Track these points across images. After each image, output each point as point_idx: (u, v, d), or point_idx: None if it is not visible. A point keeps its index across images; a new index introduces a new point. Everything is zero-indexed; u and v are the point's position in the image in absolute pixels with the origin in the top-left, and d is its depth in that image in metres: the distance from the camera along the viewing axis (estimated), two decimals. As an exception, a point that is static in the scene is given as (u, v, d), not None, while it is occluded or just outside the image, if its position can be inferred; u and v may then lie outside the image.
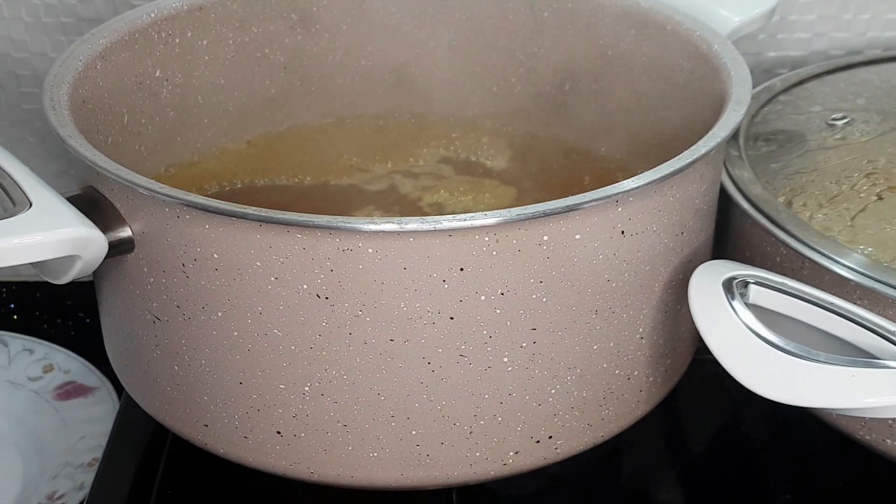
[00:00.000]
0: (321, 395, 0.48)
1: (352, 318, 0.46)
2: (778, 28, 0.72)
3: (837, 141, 0.61)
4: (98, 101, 0.56)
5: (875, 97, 0.65)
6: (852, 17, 0.72)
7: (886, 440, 0.53)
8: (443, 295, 0.45)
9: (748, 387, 0.46)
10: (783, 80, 0.68)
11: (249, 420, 0.50)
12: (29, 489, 0.63)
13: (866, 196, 0.56)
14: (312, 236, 0.44)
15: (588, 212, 0.46)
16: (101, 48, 0.57)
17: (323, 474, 0.50)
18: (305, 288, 0.45)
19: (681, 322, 0.53)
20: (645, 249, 0.49)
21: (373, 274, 0.45)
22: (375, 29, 0.66)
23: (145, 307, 0.50)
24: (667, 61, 0.60)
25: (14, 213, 0.47)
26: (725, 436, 0.63)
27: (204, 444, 0.52)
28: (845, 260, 0.52)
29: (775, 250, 0.55)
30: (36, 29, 0.70)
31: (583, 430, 0.51)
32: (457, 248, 0.44)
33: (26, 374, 0.70)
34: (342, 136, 0.67)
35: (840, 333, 0.48)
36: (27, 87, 0.72)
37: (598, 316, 0.48)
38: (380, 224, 0.44)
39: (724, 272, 0.49)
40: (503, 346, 0.47)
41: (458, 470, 0.50)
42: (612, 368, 0.50)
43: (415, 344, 0.46)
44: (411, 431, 0.48)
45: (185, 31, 0.61)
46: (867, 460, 0.55)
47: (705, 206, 0.52)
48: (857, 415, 0.52)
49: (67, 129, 0.50)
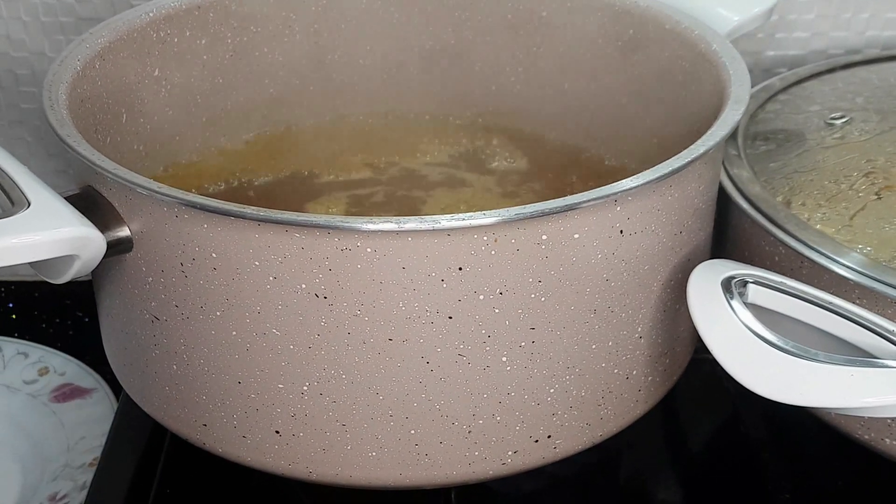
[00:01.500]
0: (320, 395, 0.48)
1: (350, 318, 0.46)
2: (777, 27, 0.72)
3: (836, 140, 0.61)
4: (96, 101, 0.56)
5: (874, 96, 0.65)
6: (851, 17, 0.72)
7: (886, 439, 0.53)
8: (441, 294, 0.45)
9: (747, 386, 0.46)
10: (782, 79, 0.68)
11: (248, 419, 0.49)
12: (29, 492, 0.63)
13: (865, 195, 0.56)
14: (311, 236, 0.44)
15: (587, 211, 0.46)
16: (99, 48, 0.57)
17: (321, 474, 0.50)
18: (304, 287, 0.45)
19: (679, 321, 0.53)
20: (644, 249, 0.49)
21: (371, 273, 0.45)
22: (375, 28, 0.66)
23: (144, 307, 0.50)
24: (665, 60, 0.60)
25: (12, 213, 0.47)
26: (725, 436, 0.63)
27: (203, 443, 0.52)
28: (844, 259, 0.52)
29: (774, 250, 0.55)
30: (34, 28, 0.70)
31: (581, 429, 0.51)
32: (455, 247, 0.44)
33: (21, 377, 0.70)
34: (341, 136, 0.67)
35: (839, 333, 0.48)
36: (26, 87, 0.72)
37: (596, 315, 0.48)
38: (378, 223, 0.44)
39: (723, 271, 0.48)
40: (502, 346, 0.47)
41: (456, 469, 0.50)
42: (610, 368, 0.50)
43: (413, 343, 0.46)
44: (410, 431, 0.48)
45: (184, 30, 0.61)
46: (866, 460, 0.55)
47: (704, 206, 0.52)
48: (856, 414, 0.51)
49: (66, 128, 0.50)
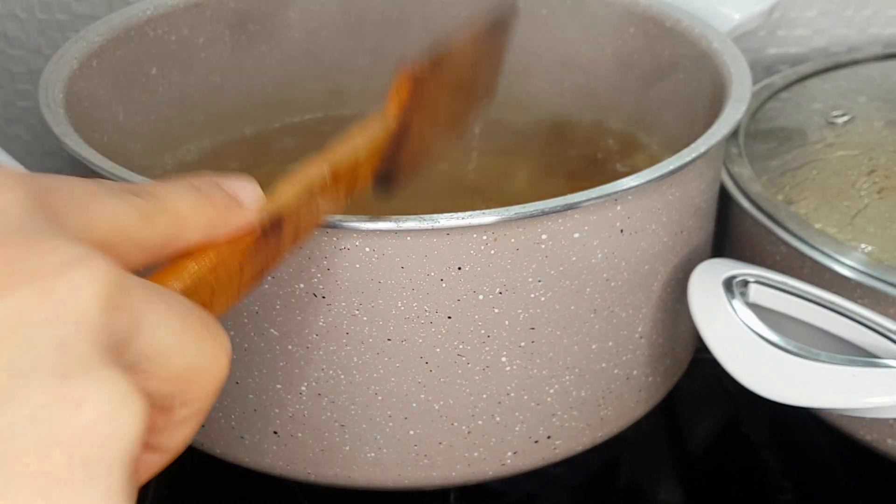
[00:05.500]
0: (318, 395, 0.48)
1: (349, 318, 0.46)
2: (778, 25, 0.71)
3: (838, 138, 0.61)
4: (93, 99, 0.56)
5: (876, 94, 0.65)
6: (853, 14, 0.71)
7: (888, 440, 0.52)
8: (440, 294, 0.45)
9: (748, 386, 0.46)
10: (783, 77, 0.67)
11: (246, 420, 0.49)
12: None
13: (867, 194, 0.56)
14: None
15: (587, 210, 0.45)
16: (96, 45, 0.56)
17: (320, 475, 0.50)
18: (302, 287, 0.45)
19: (680, 321, 0.52)
20: (644, 248, 0.48)
21: (370, 273, 0.45)
22: (374, 26, 0.66)
23: (141, 306, 0.49)
24: (666, 58, 0.60)
25: (8, 212, 0.46)
26: (725, 436, 0.63)
27: (200, 444, 0.52)
28: (846, 258, 0.52)
29: (775, 249, 0.55)
30: (31, 25, 0.70)
31: (581, 430, 0.51)
32: (455, 246, 0.44)
33: None
34: (341, 135, 0.67)
35: (841, 332, 0.48)
36: (22, 84, 0.72)
37: (596, 315, 0.48)
38: (377, 222, 0.43)
39: (724, 271, 0.48)
40: (501, 346, 0.47)
41: (456, 470, 0.50)
42: (610, 368, 0.50)
43: (412, 343, 0.46)
44: (409, 431, 0.48)
45: (182, 28, 0.61)
46: (868, 460, 0.55)
47: (705, 205, 0.52)
48: (857, 415, 0.51)
49: (62, 126, 0.50)
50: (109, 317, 0.26)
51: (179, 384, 0.29)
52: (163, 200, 0.32)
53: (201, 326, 0.29)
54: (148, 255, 0.31)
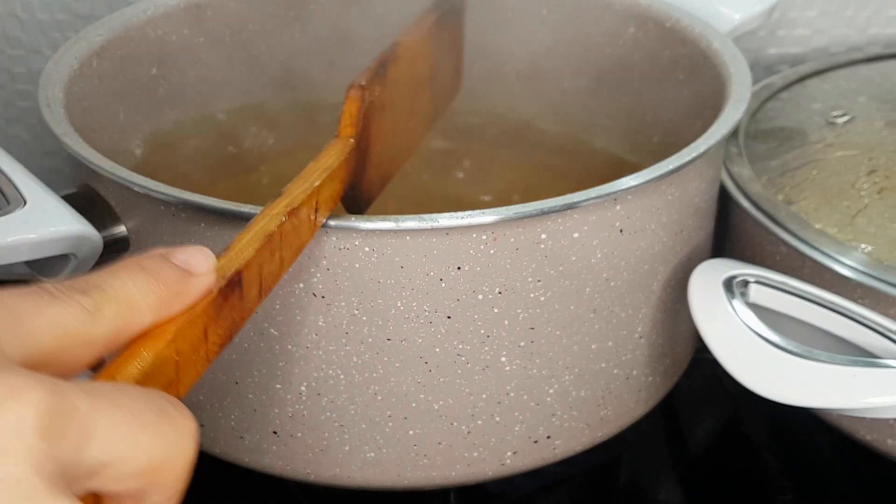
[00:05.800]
0: (318, 395, 0.48)
1: (348, 318, 0.46)
2: (778, 25, 0.71)
3: (838, 138, 0.61)
4: (93, 99, 0.56)
5: (876, 94, 0.65)
6: (853, 14, 0.71)
7: (888, 440, 0.52)
8: (440, 294, 0.45)
9: (748, 387, 0.46)
10: (783, 77, 0.67)
11: (245, 420, 0.49)
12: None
13: (867, 194, 0.56)
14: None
15: (586, 210, 0.45)
16: (96, 45, 0.56)
17: (320, 475, 0.50)
18: (302, 287, 0.45)
19: (680, 321, 0.52)
20: (644, 248, 0.48)
21: (369, 272, 0.44)
22: (374, 25, 0.66)
23: (140, 306, 0.49)
24: (666, 59, 0.60)
25: (8, 212, 0.46)
26: (725, 436, 0.63)
27: (200, 444, 0.51)
28: (846, 258, 0.52)
29: (775, 249, 0.55)
30: (31, 25, 0.70)
31: (581, 430, 0.51)
32: (454, 246, 0.44)
33: None
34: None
35: (841, 332, 0.48)
36: (22, 84, 0.72)
37: (596, 315, 0.48)
38: (376, 222, 0.43)
39: (724, 271, 0.48)
40: (501, 346, 0.47)
41: (455, 470, 0.50)
42: (610, 368, 0.50)
43: (412, 343, 0.46)
44: (409, 431, 0.48)
45: (182, 28, 0.61)
46: (868, 460, 0.55)
47: (705, 205, 0.52)
48: (858, 415, 0.51)
49: (62, 126, 0.50)
50: (52, 443, 0.26)
51: (145, 477, 0.28)
52: (109, 291, 0.31)
53: (158, 416, 0.29)
54: (99, 349, 0.31)
